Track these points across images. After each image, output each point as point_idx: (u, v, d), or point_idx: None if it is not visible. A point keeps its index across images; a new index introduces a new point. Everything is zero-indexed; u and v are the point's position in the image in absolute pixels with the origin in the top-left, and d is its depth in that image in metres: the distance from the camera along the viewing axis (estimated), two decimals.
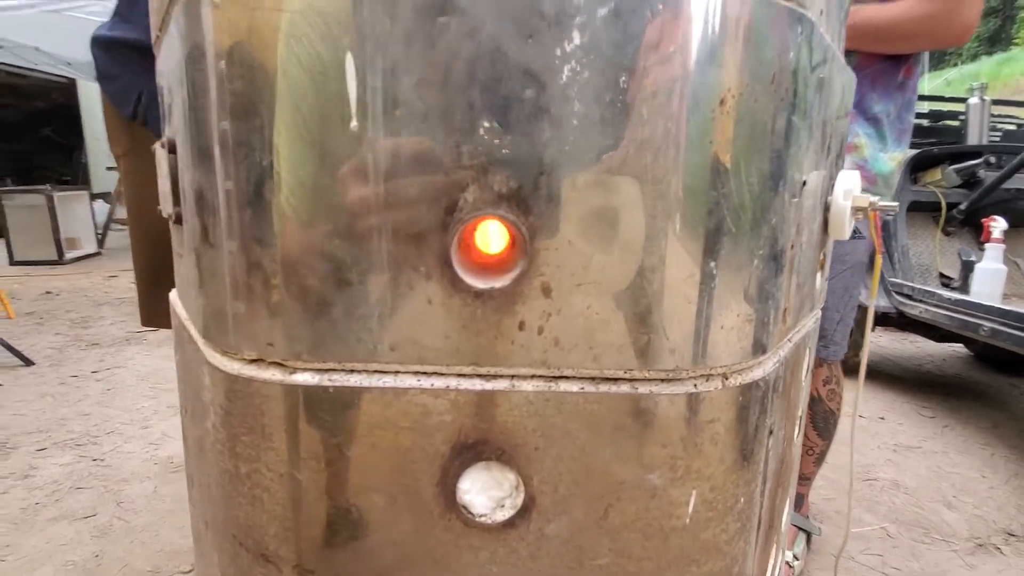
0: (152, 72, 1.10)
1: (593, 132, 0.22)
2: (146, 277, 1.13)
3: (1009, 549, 1.35)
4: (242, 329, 0.25)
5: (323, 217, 0.23)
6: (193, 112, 0.25)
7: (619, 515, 0.26)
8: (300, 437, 0.25)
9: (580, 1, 0.21)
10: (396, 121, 0.22)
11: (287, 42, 0.22)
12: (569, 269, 0.23)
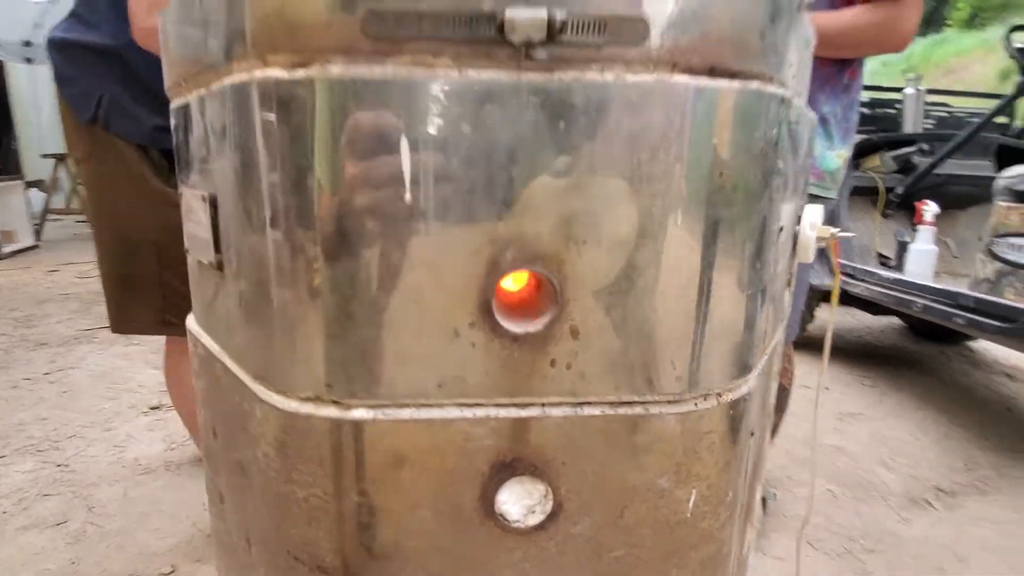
0: (114, 76, 1.06)
1: (613, 203, 0.26)
2: (115, 284, 1.11)
3: (939, 504, 1.51)
4: (301, 373, 0.28)
5: (377, 274, 0.26)
6: (245, 171, 0.27)
7: (632, 514, 0.31)
8: (355, 464, 0.28)
9: (603, 97, 0.25)
10: (444, 192, 0.25)
11: (347, 120, 0.25)
12: (593, 315, 0.27)
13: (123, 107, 0.99)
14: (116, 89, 0.99)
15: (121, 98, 0.99)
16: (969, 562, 1.29)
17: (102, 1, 0.99)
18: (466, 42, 0.25)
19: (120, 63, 0.97)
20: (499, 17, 0.24)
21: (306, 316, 0.27)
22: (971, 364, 2.50)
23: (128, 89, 0.98)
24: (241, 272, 0.30)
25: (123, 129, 1.00)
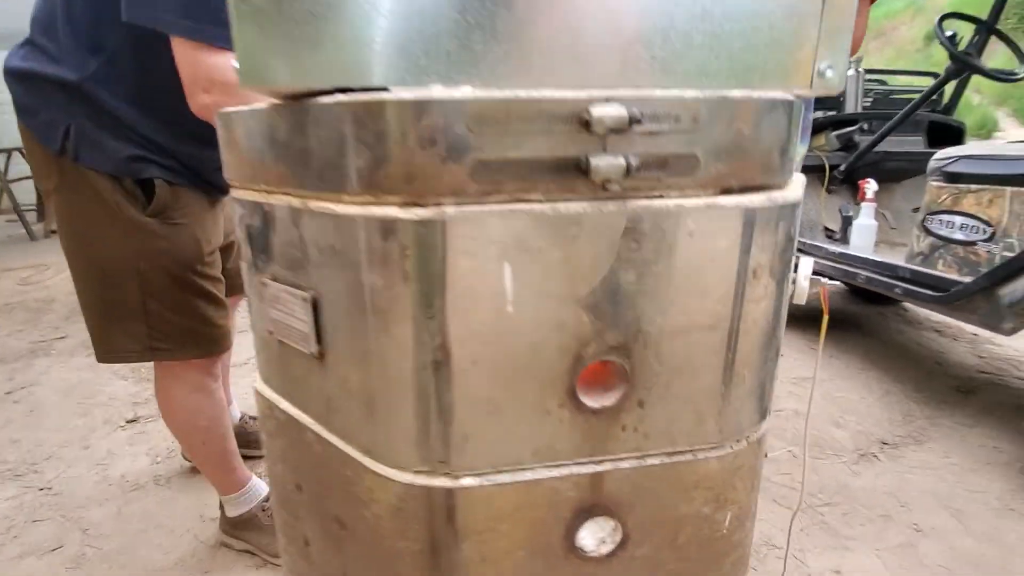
0: (79, 108, 1.03)
1: (671, 302, 0.32)
2: (98, 314, 1.09)
3: (884, 456, 1.69)
4: (417, 452, 0.33)
5: (485, 373, 0.31)
6: (357, 288, 0.32)
7: (683, 537, 0.38)
8: (464, 522, 0.34)
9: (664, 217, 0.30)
10: (538, 303, 0.31)
11: (459, 251, 0.30)
12: (656, 390, 0.33)
13: (91, 138, 0.96)
14: (83, 120, 0.96)
15: (88, 129, 0.96)
16: (910, 506, 1.47)
17: (63, 33, 0.95)
18: (554, 180, 0.30)
19: (84, 97, 0.94)
20: (584, 163, 0.29)
21: (426, 410, 0.32)
22: (905, 323, 2.74)
23: (95, 120, 0.95)
24: (351, 368, 0.34)
25: (93, 161, 0.97)
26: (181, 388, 1.18)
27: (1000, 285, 1.51)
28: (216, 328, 1.13)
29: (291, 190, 0.35)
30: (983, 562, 1.30)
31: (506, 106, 0.28)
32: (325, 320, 0.35)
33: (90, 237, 1.03)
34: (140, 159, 0.98)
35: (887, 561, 1.31)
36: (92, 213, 1.00)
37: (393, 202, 0.30)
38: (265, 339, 0.43)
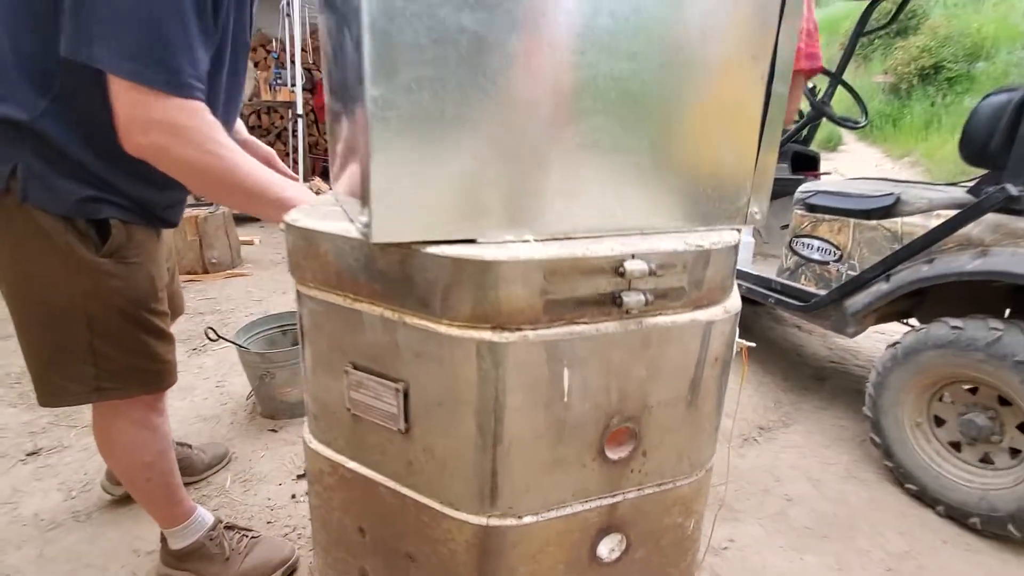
0: (29, 147, 1.00)
1: (668, 385, 0.47)
2: (41, 355, 1.05)
3: (762, 439, 2.03)
4: (491, 502, 0.45)
5: (545, 440, 0.44)
6: (450, 391, 0.43)
7: (665, 541, 0.53)
8: (524, 549, 0.47)
9: (664, 329, 0.45)
10: (584, 394, 0.44)
11: (535, 360, 0.42)
12: (653, 443, 0.48)
13: (42, 178, 0.93)
14: (32, 160, 0.92)
15: (38, 169, 0.92)
16: (782, 480, 1.80)
17: (11, 72, 0.91)
18: (597, 308, 0.43)
19: (35, 136, 0.90)
20: (618, 298, 0.43)
21: (498, 472, 0.44)
22: (775, 320, 3.22)
23: (45, 160, 0.92)
24: (437, 440, 0.45)
25: (43, 201, 0.94)
26: (125, 425, 1.15)
27: (846, 298, 1.89)
28: (165, 364, 1.13)
29: (385, 304, 0.45)
30: (835, 521, 1.64)
31: (570, 263, 0.41)
32: (412, 405, 0.46)
33: (35, 279, 0.98)
34: (94, 199, 0.95)
35: (767, 527, 1.61)
36: (40, 255, 0.96)
37: (486, 327, 0.41)
38: (334, 411, 0.52)
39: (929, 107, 8.81)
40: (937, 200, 1.76)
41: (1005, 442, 1.55)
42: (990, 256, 1.52)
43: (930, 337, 1.63)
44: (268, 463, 1.86)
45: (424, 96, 0.38)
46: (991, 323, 1.50)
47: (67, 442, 1.95)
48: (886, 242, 1.82)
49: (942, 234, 1.62)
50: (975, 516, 1.56)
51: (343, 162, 0.52)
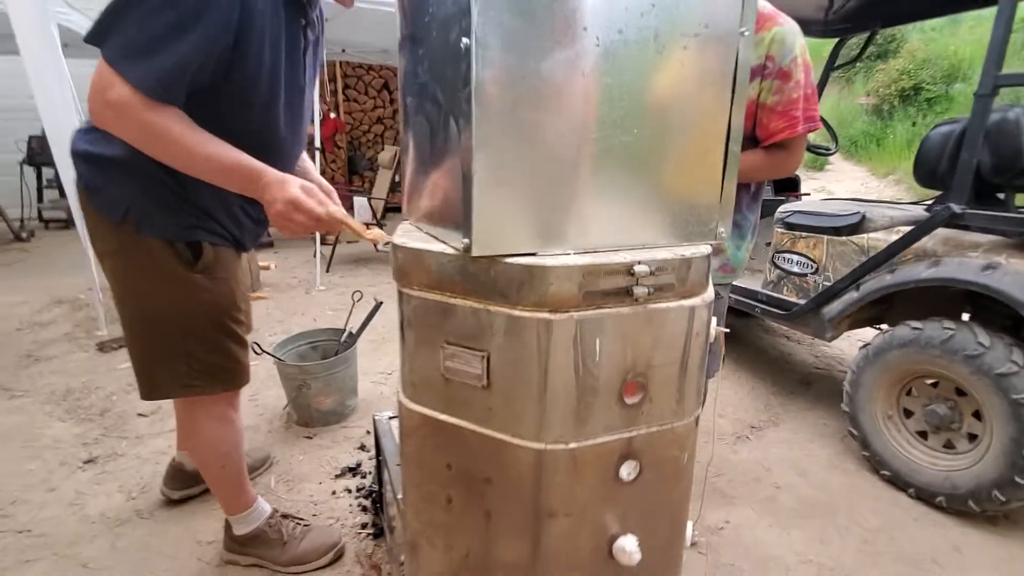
0: (137, 185, 1.23)
1: (666, 353, 0.69)
2: (145, 357, 1.27)
3: (753, 436, 2.24)
4: (549, 434, 0.66)
5: (585, 389, 0.66)
6: (521, 355, 0.65)
7: (667, 468, 0.74)
8: (572, 469, 0.68)
9: (661, 312, 0.67)
10: (610, 357, 0.66)
11: (577, 333, 0.64)
12: (657, 393, 0.70)
13: (149, 213, 1.15)
14: (141, 198, 1.14)
15: (146, 205, 1.14)
16: (772, 470, 2.00)
17: None
18: (616, 298, 0.65)
19: (142, 173, 1.10)
20: (631, 291, 0.65)
21: (556, 413, 0.65)
22: (764, 331, 3.44)
23: (152, 196, 1.13)
24: (508, 392, 0.67)
25: (151, 231, 1.16)
26: (207, 419, 1.36)
27: (822, 306, 2.12)
28: (241, 365, 1.35)
29: (474, 298, 0.67)
30: (818, 503, 1.84)
31: (601, 267, 0.63)
32: (492, 367, 0.67)
33: (143, 292, 1.20)
34: (190, 226, 1.18)
35: (758, 511, 1.80)
36: (146, 273, 1.18)
37: (545, 311, 0.63)
38: (430, 379, 0.73)
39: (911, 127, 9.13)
40: (897, 217, 2.01)
41: (963, 428, 1.77)
42: (941, 265, 1.75)
43: (895, 338, 1.86)
44: (307, 465, 2.06)
45: (507, 170, 0.61)
46: (945, 324, 1.73)
47: (120, 451, 2.14)
48: (855, 255, 2.06)
49: (900, 247, 1.86)
50: (941, 495, 1.77)
51: (431, 200, 0.75)
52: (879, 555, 1.60)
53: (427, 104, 0.72)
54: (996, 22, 1.59)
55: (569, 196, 0.65)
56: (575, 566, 0.72)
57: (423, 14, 0.69)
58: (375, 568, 1.52)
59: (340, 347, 2.35)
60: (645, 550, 0.73)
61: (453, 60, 0.60)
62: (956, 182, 1.71)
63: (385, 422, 1.56)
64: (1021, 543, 1.65)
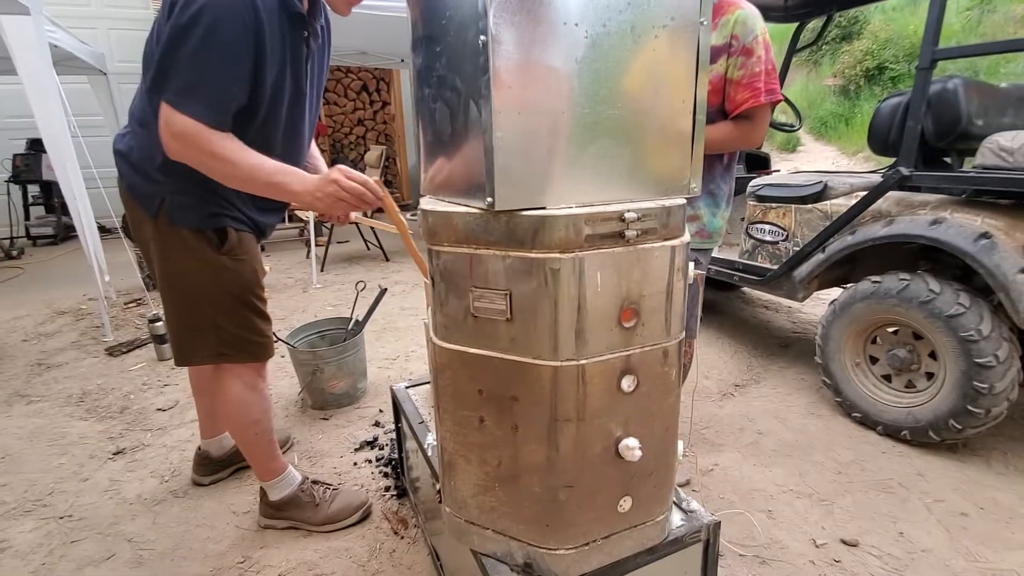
0: (172, 181, 1.38)
1: (654, 280, 0.85)
2: (180, 330, 1.41)
3: (737, 393, 2.42)
4: (564, 353, 0.82)
5: (589, 314, 0.81)
6: (536, 290, 0.80)
7: (658, 381, 0.91)
8: (582, 381, 0.84)
9: (649, 252, 0.83)
10: (608, 288, 0.82)
11: (582, 268, 0.79)
12: (647, 318, 0.86)
13: (180, 206, 1.30)
14: (174, 193, 1.29)
15: (178, 200, 1.30)
16: (755, 420, 2.19)
17: (156, 122, 1.26)
18: (611, 239, 0.81)
19: (174, 171, 1.26)
20: (623, 234, 0.81)
21: (569, 336, 0.81)
22: (744, 302, 3.64)
23: (185, 190, 1.29)
24: (529, 321, 0.82)
25: (184, 220, 1.32)
26: (239, 387, 1.50)
27: (792, 269, 2.31)
28: (266, 338, 1.50)
29: (496, 247, 0.82)
30: (797, 445, 2.03)
31: (598, 215, 0.79)
32: (514, 303, 0.83)
33: (178, 273, 1.35)
34: (215, 214, 1.33)
35: (743, 453, 1.99)
36: (180, 257, 1.34)
37: (555, 252, 0.79)
38: (459, 319, 0.89)
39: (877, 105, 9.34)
40: (856, 184, 2.21)
41: (922, 368, 1.98)
42: (894, 224, 1.96)
43: (858, 292, 2.06)
44: (327, 443, 2.20)
45: (520, 141, 0.76)
46: (900, 276, 1.93)
47: (146, 442, 2.26)
48: (819, 221, 2.26)
49: (858, 210, 2.06)
50: (905, 429, 1.97)
51: (452, 172, 0.90)
52: (851, 483, 1.79)
53: (446, 92, 0.87)
54: (931, 3, 1.79)
55: (569, 160, 0.81)
56: (588, 464, 0.88)
57: (440, 17, 0.84)
58: (402, 522, 1.67)
59: (348, 334, 2.48)
60: (644, 450, 0.89)
61: (472, 54, 0.76)
62: (904, 148, 1.91)
63: (403, 390, 1.71)
64: (977, 467, 1.86)
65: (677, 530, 1.05)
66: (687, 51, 0.84)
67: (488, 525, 0.98)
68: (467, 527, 1.01)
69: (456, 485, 0.99)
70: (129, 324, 3.52)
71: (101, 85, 5.40)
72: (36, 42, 2.92)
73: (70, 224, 6.00)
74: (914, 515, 1.64)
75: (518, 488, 0.92)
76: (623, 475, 0.92)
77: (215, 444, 1.89)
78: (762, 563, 1.46)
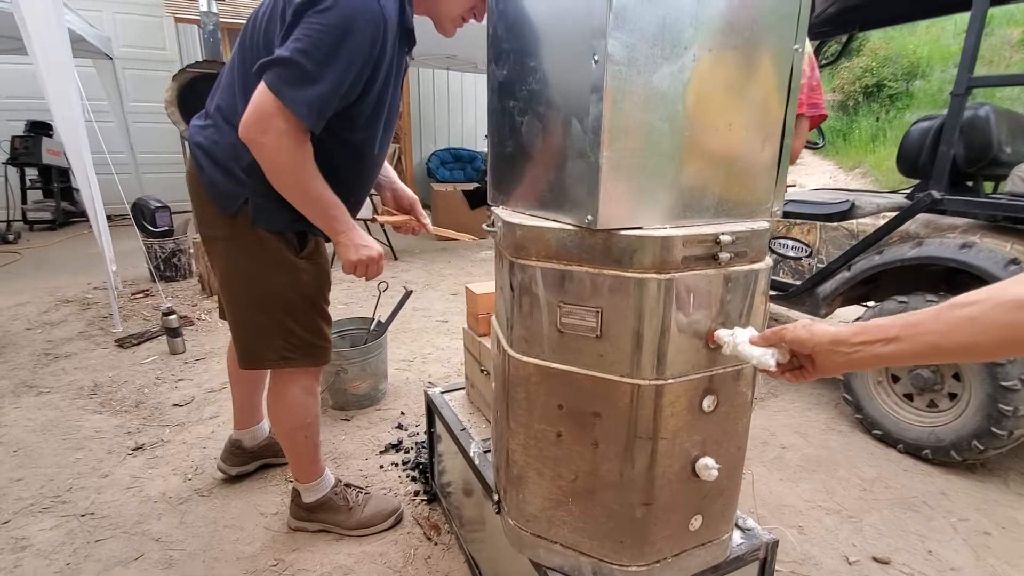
0: (253, 182, 1.37)
1: (742, 297, 0.86)
2: (246, 330, 1.40)
3: (757, 407, 2.43)
4: (650, 372, 0.82)
5: (682, 335, 0.82)
6: (625, 310, 0.80)
7: (736, 400, 0.91)
8: (666, 398, 0.84)
9: (740, 273, 0.84)
10: (698, 309, 0.82)
11: (676, 289, 0.80)
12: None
13: (265, 209, 1.28)
14: (257, 195, 1.26)
15: (262, 203, 1.27)
16: (777, 435, 2.21)
17: (239, 113, 1.22)
18: (704, 261, 0.81)
19: (258, 172, 1.22)
20: (717, 256, 0.81)
21: (654, 352, 0.81)
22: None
23: (268, 194, 1.25)
24: (621, 339, 0.83)
25: (266, 224, 1.29)
26: (296, 391, 1.49)
27: (817, 286, 2.33)
28: (328, 342, 1.49)
29: (589, 265, 0.82)
30: (820, 460, 2.05)
31: (694, 237, 0.80)
32: (604, 320, 0.83)
33: (252, 275, 1.33)
34: (297, 220, 1.30)
35: (769, 468, 2.00)
36: (257, 257, 1.32)
37: (651, 272, 0.79)
38: (543, 333, 0.89)
39: (874, 122, 9.55)
40: (883, 204, 2.24)
41: (945, 389, 2.01)
42: (924, 246, 1.98)
43: (884, 310, 2.08)
44: (350, 444, 2.19)
45: (624, 161, 0.76)
46: (927, 297, 1.96)
47: (166, 438, 2.24)
48: (846, 239, 2.29)
49: (887, 231, 2.08)
50: (927, 448, 2.00)
51: (539, 186, 0.90)
52: (877, 500, 1.81)
53: (540, 107, 0.87)
54: (969, 30, 1.82)
55: (667, 181, 0.81)
56: (666, 483, 0.89)
57: (536, 31, 0.85)
58: (434, 528, 1.66)
59: (370, 335, 2.47)
60: (719, 470, 0.90)
61: (580, 72, 0.76)
62: (936, 172, 1.94)
63: (439, 395, 1.70)
64: (996, 487, 1.89)
65: (738, 548, 1.05)
66: (782, 77, 0.85)
67: (557, 539, 0.98)
68: (533, 540, 1.01)
69: (524, 498, 0.99)
70: (138, 315, 3.47)
71: (107, 70, 5.33)
72: (55, 22, 2.87)
73: (69, 210, 5.92)
74: (940, 534, 1.67)
75: (594, 503, 0.92)
76: (697, 494, 0.93)
77: (248, 435, 1.87)
78: None
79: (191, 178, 1.32)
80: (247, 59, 1.19)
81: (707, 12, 0.76)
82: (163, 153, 6.37)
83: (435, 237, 1.47)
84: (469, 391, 1.67)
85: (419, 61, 6.85)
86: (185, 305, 3.68)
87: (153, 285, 3.96)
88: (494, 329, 1.08)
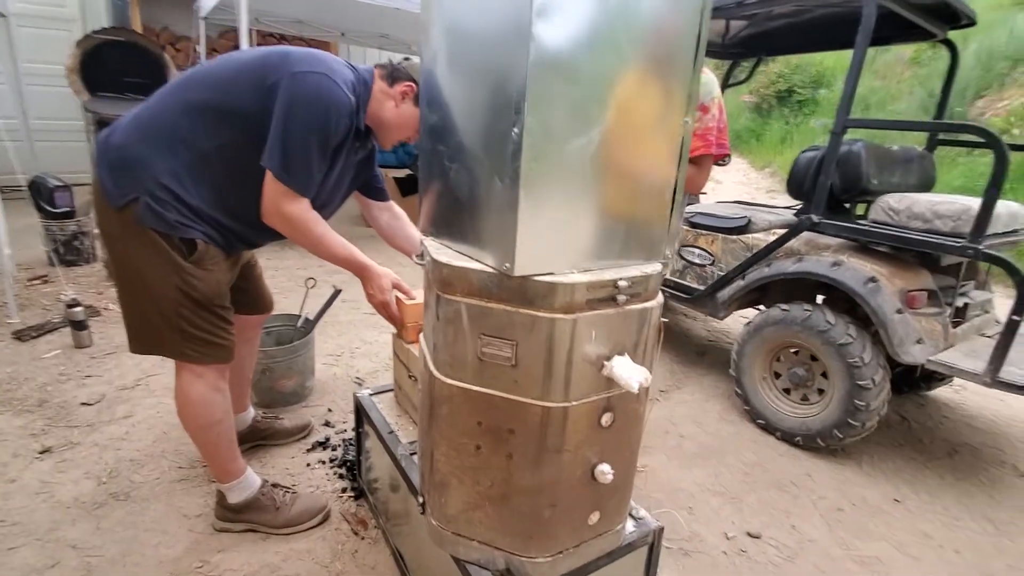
0: (147, 180, 1.41)
1: (638, 333, 1.01)
2: (137, 319, 1.44)
3: (662, 398, 2.69)
4: (559, 396, 0.96)
5: (580, 365, 0.96)
6: (542, 350, 0.93)
7: (630, 416, 1.07)
8: (571, 418, 0.98)
9: (638, 312, 0.99)
10: (602, 344, 0.96)
11: (578, 331, 0.93)
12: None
13: (154, 210, 1.34)
14: (145, 195, 1.32)
15: (151, 202, 1.32)
16: (678, 424, 2.47)
17: (164, 143, 1.32)
18: (605, 303, 0.95)
19: (155, 183, 1.32)
20: (616, 297, 0.95)
21: (562, 381, 0.95)
22: (667, 311, 3.98)
23: (155, 194, 1.34)
24: (532, 367, 0.95)
25: (152, 224, 1.34)
26: (203, 387, 1.52)
27: (717, 291, 2.60)
28: (227, 342, 1.52)
29: (506, 304, 0.94)
30: (712, 447, 2.33)
31: (597, 283, 0.93)
32: (519, 351, 0.95)
33: (145, 271, 1.37)
34: (185, 225, 1.35)
35: (668, 455, 2.25)
36: (145, 256, 1.35)
37: (560, 312, 0.92)
38: (466, 360, 1.00)
39: (784, 125, 10.29)
40: (774, 221, 2.52)
41: (815, 385, 2.33)
42: (803, 262, 2.27)
43: (769, 317, 2.37)
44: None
45: (540, 216, 0.88)
46: (805, 306, 2.25)
47: (75, 439, 2.17)
48: (742, 251, 2.56)
49: (776, 246, 2.36)
50: (799, 436, 2.32)
51: (465, 227, 1.00)
52: (755, 482, 2.10)
53: (467, 160, 0.97)
54: (848, 77, 2.09)
55: (576, 233, 0.94)
56: (570, 487, 1.04)
57: (465, 93, 0.94)
58: (361, 523, 1.75)
59: (296, 332, 2.48)
60: (614, 473, 1.06)
61: (501, 139, 0.86)
62: (815, 198, 2.22)
63: (368, 398, 1.78)
64: (851, 468, 2.24)
65: (630, 535, 1.23)
66: (673, 145, 1.00)
67: (474, 536, 1.11)
68: (453, 538, 1.13)
69: (446, 501, 1.11)
70: (35, 304, 3.23)
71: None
72: None
73: None
74: (803, 510, 1.97)
75: (507, 506, 1.05)
76: (595, 494, 1.09)
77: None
78: (685, 555, 1.71)
79: (93, 162, 1.38)
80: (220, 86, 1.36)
81: (612, 95, 0.88)
82: (61, 120, 5.78)
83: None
84: (397, 394, 1.76)
85: (350, 38, 6.66)
86: (90, 293, 3.46)
87: (52, 270, 3.67)
88: (423, 346, 1.18)
